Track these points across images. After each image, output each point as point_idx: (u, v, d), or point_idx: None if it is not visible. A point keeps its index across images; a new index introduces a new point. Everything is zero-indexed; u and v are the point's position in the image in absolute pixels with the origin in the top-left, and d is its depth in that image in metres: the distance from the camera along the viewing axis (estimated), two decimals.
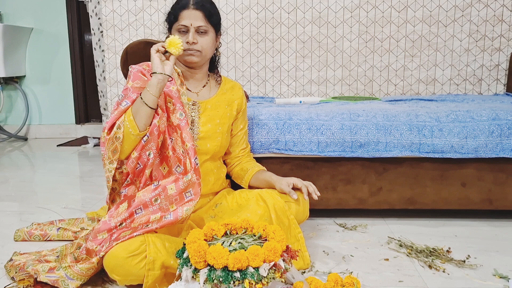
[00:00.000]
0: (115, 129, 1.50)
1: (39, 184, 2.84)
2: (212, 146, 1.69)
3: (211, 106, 1.71)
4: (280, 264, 1.34)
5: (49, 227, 1.92)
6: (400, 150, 1.97)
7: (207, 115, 1.69)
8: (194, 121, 1.66)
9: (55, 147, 3.98)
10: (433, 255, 1.70)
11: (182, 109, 1.56)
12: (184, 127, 1.55)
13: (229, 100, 1.76)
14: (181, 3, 1.59)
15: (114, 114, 1.52)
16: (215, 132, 1.69)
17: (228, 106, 1.75)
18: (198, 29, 1.58)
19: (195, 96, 1.70)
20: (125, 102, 1.52)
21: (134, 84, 1.56)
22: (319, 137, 1.97)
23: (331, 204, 2.05)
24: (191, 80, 1.71)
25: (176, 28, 1.60)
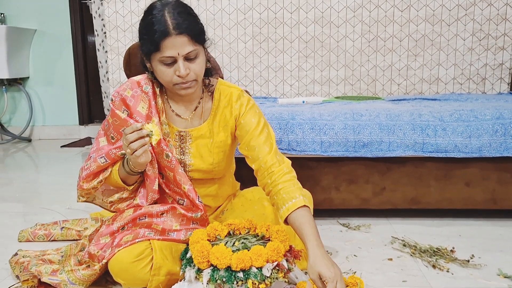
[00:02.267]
0: (95, 183, 1.47)
1: (43, 185, 2.85)
2: (210, 166, 1.52)
3: (205, 133, 1.49)
4: (283, 264, 1.34)
5: (53, 227, 1.92)
6: (404, 150, 1.97)
7: (199, 144, 1.50)
8: (185, 152, 1.50)
9: (58, 148, 3.99)
10: (437, 255, 1.70)
11: (168, 149, 1.43)
12: (175, 169, 1.44)
13: (225, 122, 1.50)
14: (159, 29, 1.27)
15: (92, 169, 1.44)
16: (209, 164, 1.52)
17: (223, 131, 1.50)
18: (188, 55, 1.31)
19: (184, 124, 1.49)
20: (104, 160, 1.42)
21: (114, 122, 1.43)
22: (322, 137, 1.97)
23: (334, 204, 2.05)
24: (181, 103, 1.48)
25: (158, 59, 1.31)
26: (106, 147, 1.45)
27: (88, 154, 1.53)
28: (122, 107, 1.44)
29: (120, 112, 1.43)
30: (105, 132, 1.49)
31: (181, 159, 1.51)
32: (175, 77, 1.33)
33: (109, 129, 1.46)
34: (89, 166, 1.46)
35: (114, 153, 1.42)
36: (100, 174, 1.46)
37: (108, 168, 1.46)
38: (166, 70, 1.33)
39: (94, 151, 1.49)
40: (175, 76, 1.33)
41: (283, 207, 1.39)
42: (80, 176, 1.50)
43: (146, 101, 1.45)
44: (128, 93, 1.44)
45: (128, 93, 1.44)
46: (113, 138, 1.46)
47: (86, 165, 1.48)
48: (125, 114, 1.43)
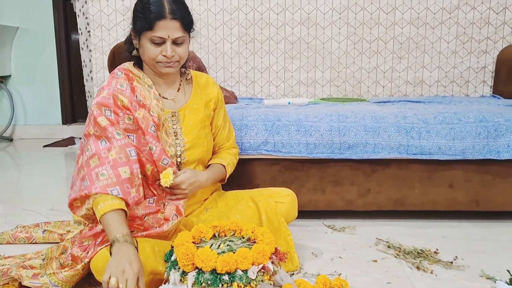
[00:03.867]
0: (85, 211, 1.41)
1: (25, 186, 2.80)
2: (199, 153, 1.61)
3: (190, 112, 1.59)
4: (269, 266, 1.33)
5: (35, 229, 1.88)
6: (388, 152, 1.98)
7: (188, 123, 1.58)
8: (177, 133, 1.56)
9: (41, 148, 3.93)
10: (421, 257, 1.71)
11: (152, 140, 1.47)
12: (156, 161, 1.48)
13: (206, 100, 1.64)
14: (156, 11, 1.40)
15: (75, 195, 1.38)
16: (200, 138, 1.60)
17: (206, 108, 1.64)
18: (176, 40, 1.44)
19: (172, 104, 1.58)
20: (86, 182, 1.34)
21: (95, 132, 1.41)
22: (308, 139, 1.97)
23: (319, 206, 2.05)
24: (164, 85, 1.57)
25: (148, 37, 1.43)
26: (93, 170, 1.38)
27: (75, 175, 1.46)
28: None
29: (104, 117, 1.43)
30: (97, 151, 1.39)
31: (176, 139, 1.54)
32: (160, 56, 1.45)
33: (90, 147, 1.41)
34: (75, 191, 1.40)
35: (102, 181, 1.34)
36: (85, 200, 1.39)
37: (89, 199, 1.37)
38: (154, 48, 1.44)
39: (79, 172, 1.42)
40: (160, 55, 1.45)
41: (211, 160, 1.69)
42: (68, 203, 1.45)
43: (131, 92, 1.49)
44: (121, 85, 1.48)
45: (119, 90, 1.47)
46: (88, 151, 1.40)
47: (73, 191, 1.42)
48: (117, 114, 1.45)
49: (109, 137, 1.40)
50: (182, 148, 1.57)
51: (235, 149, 1.80)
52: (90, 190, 1.33)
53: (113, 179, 1.34)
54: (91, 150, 1.39)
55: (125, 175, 1.36)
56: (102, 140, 1.41)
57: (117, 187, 1.33)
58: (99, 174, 1.34)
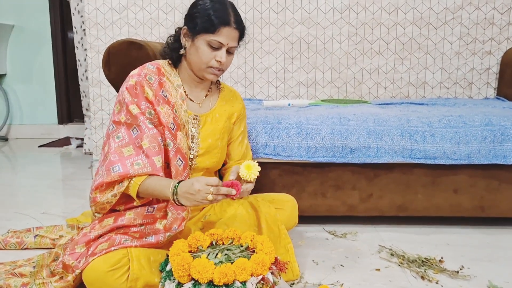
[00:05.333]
0: (109, 196, 1.40)
1: (18, 188, 2.74)
2: (210, 162, 1.58)
3: (212, 120, 1.58)
4: (269, 278, 1.28)
5: (26, 234, 1.82)
6: (392, 156, 1.92)
7: (207, 129, 1.56)
8: (194, 137, 1.54)
9: (36, 148, 3.86)
10: (426, 265, 1.65)
11: (171, 137, 1.45)
12: (171, 160, 1.45)
13: (229, 112, 1.63)
14: (222, 17, 1.41)
15: (104, 179, 1.36)
16: (215, 148, 1.58)
17: (227, 120, 1.62)
18: (230, 49, 1.46)
19: (196, 108, 1.56)
20: (118, 167, 1.36)
21: (126, 120, 1.42)
22: (309, 142, 1.91)
23: (320, 211, 1.99)
24: (194, 89, 1.57)
25: (207, 39, 1.42)
26: (127, 158, 1.38)
27: (99, 163, 1.46)
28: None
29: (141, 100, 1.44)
30: (131, 139, 1.41)
31: (191, 142, 1.53)
32: (213, 61, 1.45)
33: (130, 132, 1.42)
34: (101, 176, 1.38)
35: (137, 170, 1.36)
36: (115, 185, 1.38)
37: (124, 182, 1.37)
38: (209, 52, 1.44)
39: (106, 158, 1.41)
40: (213, 60, 1.45)
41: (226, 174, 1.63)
42: (91, 188, 1.42)
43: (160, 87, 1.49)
44: (150, 78, 1.48)
45: (147, 79, 1.47)
46: (118, 138, 1.42)
47: (99, 176, 1.40)
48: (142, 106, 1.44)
49: (140, 125, 1.41)
50: (195, 153, 1.54)
51: None
52: (127, 172, 1.34)
53: (148, 168, 1.36)
54: (124, 138, 1.40)
55: (159, 164, 1.38)
56: (133, 129, 1.41)
57: None
58: (134, 164, 1.36)
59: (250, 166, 1.36)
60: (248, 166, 1.36)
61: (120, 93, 1.46)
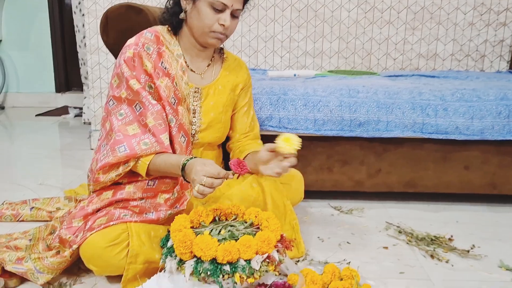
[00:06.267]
0: (114, 176, 1.34)
1: (15, 158, 2.67)
2: (212, 137, 1.50)
3: (214, 92, 1.48)
4: (274, 256, 1.22)
5: (22, 206, 1.77)
6: (402, 130, 1.85)
7: (209, 103, 1.47)
8: (196, 111, 1.45)
9: (33, 117, 3.78)
10: (435, 244, 1.60)
11: (172, 112, 1.37)
12: (174, 137, 1.37)
13: (233, 83, 1.52)
14: None
15: (109, 159, 1.30)
16: (218, 122, 1.49)
17: (231, 92, 1.52)
18: (235, 12, 1.35)
19: (198, 79, 1.46)
20: (123, 147, 1.29)
21: (128, 96, 1.33)
22: (316, 114, 1.83)
23: (326, 186, 1.93)
24: (196, 58, 1.46)
25: (209, 0, 1.32)
26: (133, 137, 1.31)
27: (100, 140, 1.40)
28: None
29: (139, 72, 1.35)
30: (135, 117, 1.33)
31: (193, 117, 1.45)
32: (216, 25, 1.34)
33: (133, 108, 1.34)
34: (106, 156, 1.31)
35: (144, 150, 1.29)
36: (120, 165, 1.32)
37: (130, 162, 1.31)
38: (212, 15, 1.33)
39: (108, 136, 1.34)
40: (216, 24, 1.34)
41: (241, 155, 1.52)
42: (94, 169, 1.35)
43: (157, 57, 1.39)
44: (148, 46, 1.38)
45: (145, 47, 1.37)
46: (121, 115, 1.34)
47: (103, 155, 1.33)
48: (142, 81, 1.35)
49: (143, 101, 1.33)
50: (197, 128, 1.46)
51: (260, 141, 1.63)
52: (134, 153, 1.28)
53: (157, 147, 1.30)
54: (127, 115, 1.33)
55: (167, 142, 1.32)
56: (135, 105, 1.34)
57: None
58: (141, 143, 1.30)
59: (288, 139, 1.27)
60: (287, 138, 1.27)
61: (118, 66, 1.37)
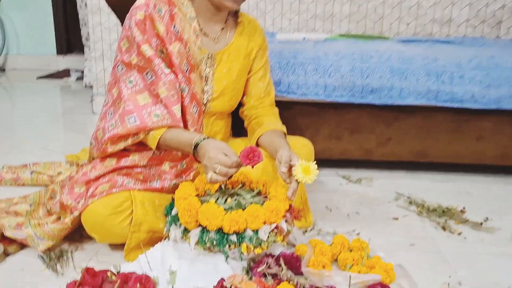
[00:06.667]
0: (122, 146, 1.27)
1: (16, 121, 2.62)
2: (224, 106, 1.42)
3: (228, 57, 1.38)
4: (282, 226, 1.18)
5: (22, 170, 1.72)
6: (415, 98, 1.78)
7: (222, 69, 1.38)
8: (208, 78, 1.36)
9: (34, 80, 3.70)
10: (447, 215, 1.56)
11: (185, 80, 1.28)
12: (186, 107, 1.30)
13: (248, 48, 1.42)
14: None
15: (118, 131, 1.23)
16: (231, 90, 1.40)
17: (246, 58, 1.42)
18: None
19: (211, 44, 1.36)
20: (134, 118, 1.22)
21: (138, 62, 1.25)
22: (327, 80, 1.76)
23: (334, 155, 1.88)
24: (209, 21, 1.35)
25: None
26: (143, 108, 1.24)
27: (106, 106, 1.33)
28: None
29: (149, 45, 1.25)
30: (146, 85, 1.26)
31: (205, 84, 1.36)
32: None
33: (143, 76, 1.26)
34: (115, 127, 1.24)
35: (155, 123, 1.22)
36: (129, 137, 1.25)
37: (140, 134, 1.24)
38: None
39: (116, 103, 1.28)
40: None
41: (261, 127, 1.41)
42: (100, 138, 1.29)
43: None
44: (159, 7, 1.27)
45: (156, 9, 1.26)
46: (130, 83, 1.26)
47: (111, 125, 1.26)
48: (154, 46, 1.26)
49: (156, 70, 1.24)
50: (209, 96, 1.38)
51: (276, 108, 1.53)
52: (145, 125, 1.21)
53: (168, 120, 1.23)
54: (138, 84, 1.25)
55: (179, 114, 1.25)
56: (147, 73, 1.26)
57: None
58: (152, 115, 1.22)
59: (308, 169, 1.19)
60: (306, 168, 1.19)
61: (128, 28, 1.26)
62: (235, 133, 1.62)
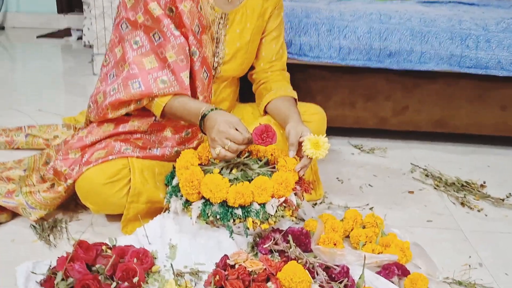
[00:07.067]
0: (123, 111, 1.17)
1: (13, 81, 2.51)
2: (235, 70, 1.32)
3: (241, 17, 1.27)
4: (292, 200, 1.09)
5: (17, 133, 1.64)
6: (437, 63, 1.65)
7: (235, 30, 1.27)
8: (220, 40, 1.26)
9: (34, 39, 3.56)
10: (466, 190, 1.46)
11: (196, 43, 1.17)
12: (197, 72, 1.19)
13: (262, 7, 1.30)
14: None
15: (120, 96, 1.12)
16: (244, 53, 1.30)
17: (260, 17, 1.31)
18: None
19: (224, 2, 1.24)
20: (138, 83, 1.12)
21: (145, 21, 1.14)
22: (341, 42, 1.63)
23: (347, 123, 1.77)
24: None
25: None
26: (149, 72, 1.14)
27: (106, 66, 1.22)
28: None
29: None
30: (153, 48, 1.15)
31: (216, 46, 1.26)
32: None
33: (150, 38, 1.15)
34: (117, 91, 1.14)
35: (161, 90, 1.13)
36: (132, 103, 1.15)
37: (143, 100, 1.14)
38: None
39: (118, 65, 1.18)
40: None
41: (269, 92, 1.31)
42: (101, 103, 1.18)
43: None
44: None
45: None
46: (136, 43, 1.15)
47: (113, 89, 1.15)
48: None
49: (164, 32, 1.13)
50: (220, 60, 1.27)
51: (287, 73, 1.42)
52: (150, 92, 1.12)
53: (176, 87, 1.13)
54: (144, 45, 1.15)
55: (187, 81, 1.15)
56: (154, 34, 1.15)
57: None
58: (158, 81, 1.13)
59: (317, 143, 1.09)
60: (316, 142, 1.09)
61: None
62: (242, 99, 1.51)
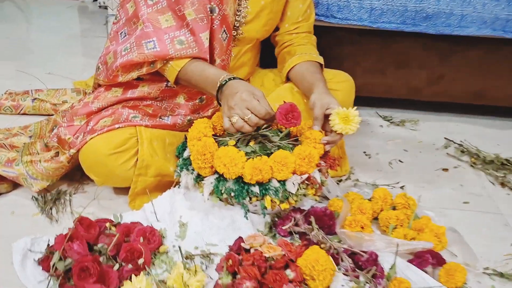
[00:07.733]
0: (134, 75, 1.07)
1: (25, 43, 2.43)
2: (259, 31, 1.20)
3: None
4: (315, 177, 0.98)
5: (23, 97, 1.55)
6: (479, 27, 1.49)
7: None
8: (241, 3, 1.15)
9: None
10: (506, 169, 1.34)
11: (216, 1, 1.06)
12: (215, 32, 1.07)
13: None
14: None
15: (133, 56, 1.02)
16: (268, 13, 1.18)
17: None
18: None
19: None
20: (153, 43, 1.01)
21: None
22: (373, 2, 1.48)
23: (376, 92, 1.64)
24: None
25: None
26: (165, 32, 1.03)
27: (117, 24, 1.12)
28: None
29: None
30: (170, 3, 1.04)
31: (236, 10, 1.14)
32: None
33: None
34: (129, 51, 1.03)
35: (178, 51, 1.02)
36: (145, 65, 1.05)
37: (156, 63, 1.04)
38: None
39: (131, 22, 1.07)
40: None
41: (293, 57, 1.21)
42: (111, 64, 1.08)
43: None
44: None
45: None
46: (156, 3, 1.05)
47: (124, 49, 1.05)
48: None
49: None
50: (242, 19, 1.15)
51: (313, 36, 1.31)
52: (166, 53, 1.02)
53: (194, 49, 1.04)
54: (160, 1, 1.05)
55: (207, 43, 1.05)
56: None
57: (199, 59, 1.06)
58: (175, 41, 1.03)
59: (347, 117, 0.97)
60: (345, 116, 0.97)
61: None
62: (263, 64, 1.39)
